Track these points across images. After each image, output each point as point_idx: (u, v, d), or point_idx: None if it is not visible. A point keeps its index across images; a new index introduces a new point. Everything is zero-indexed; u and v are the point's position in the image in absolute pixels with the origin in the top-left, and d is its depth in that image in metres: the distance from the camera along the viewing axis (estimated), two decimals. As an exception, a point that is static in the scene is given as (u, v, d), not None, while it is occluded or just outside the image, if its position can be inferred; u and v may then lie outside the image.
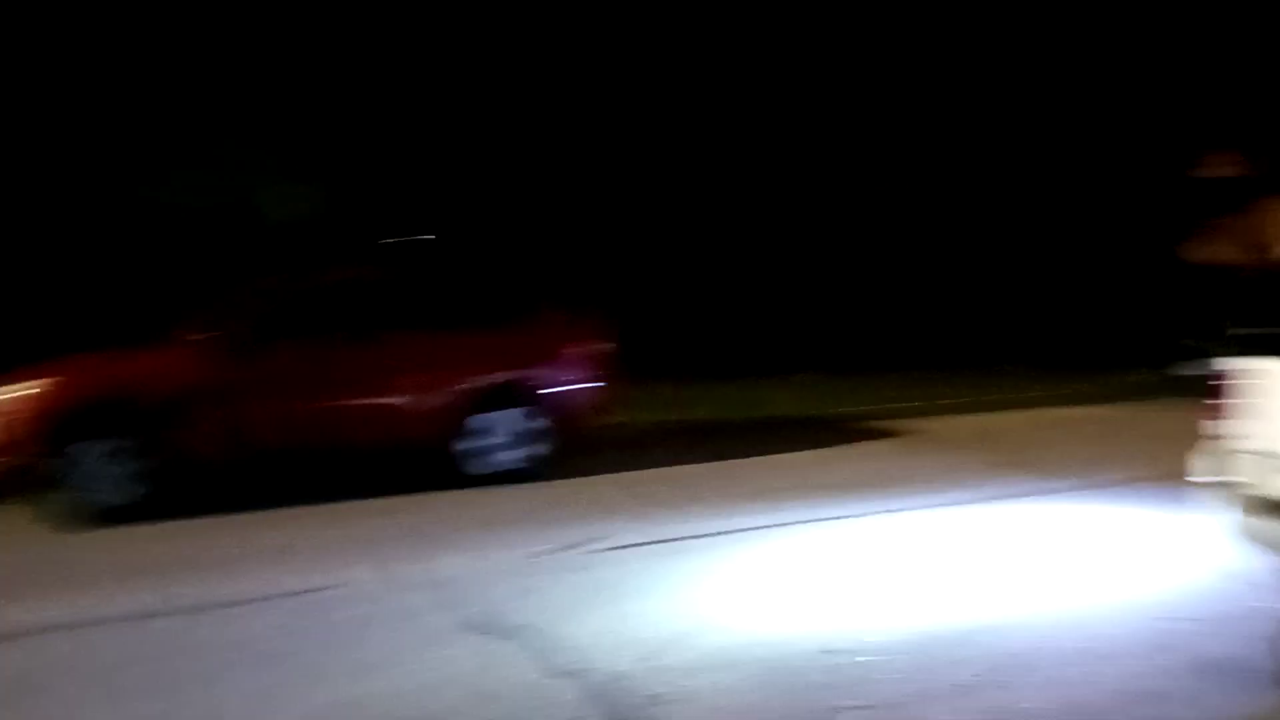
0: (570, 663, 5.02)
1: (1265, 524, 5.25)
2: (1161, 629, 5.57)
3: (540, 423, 9.33)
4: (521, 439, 9.28)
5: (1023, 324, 17.52)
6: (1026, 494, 8.67)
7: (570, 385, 9.56)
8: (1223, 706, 4.59)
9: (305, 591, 6.22)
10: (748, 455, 10.38)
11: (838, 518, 7.84)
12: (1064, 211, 19.05)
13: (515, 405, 9.28)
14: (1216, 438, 5.50)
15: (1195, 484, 5.64)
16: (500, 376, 9.28)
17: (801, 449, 10.74)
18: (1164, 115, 18.04)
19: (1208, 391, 5.64)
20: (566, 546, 7.14)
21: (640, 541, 7.21)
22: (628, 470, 9.67)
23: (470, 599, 6.00)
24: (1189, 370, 13.54)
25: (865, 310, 17.86)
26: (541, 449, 9.33)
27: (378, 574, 6.58)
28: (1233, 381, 5.50)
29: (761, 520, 7.73)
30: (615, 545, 7.14)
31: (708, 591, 6.10)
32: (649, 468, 9.79)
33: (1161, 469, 7.90)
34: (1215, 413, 5.52)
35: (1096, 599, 6.09)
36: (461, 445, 9.11)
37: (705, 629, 5.45)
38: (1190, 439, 5.89)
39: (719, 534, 7.38)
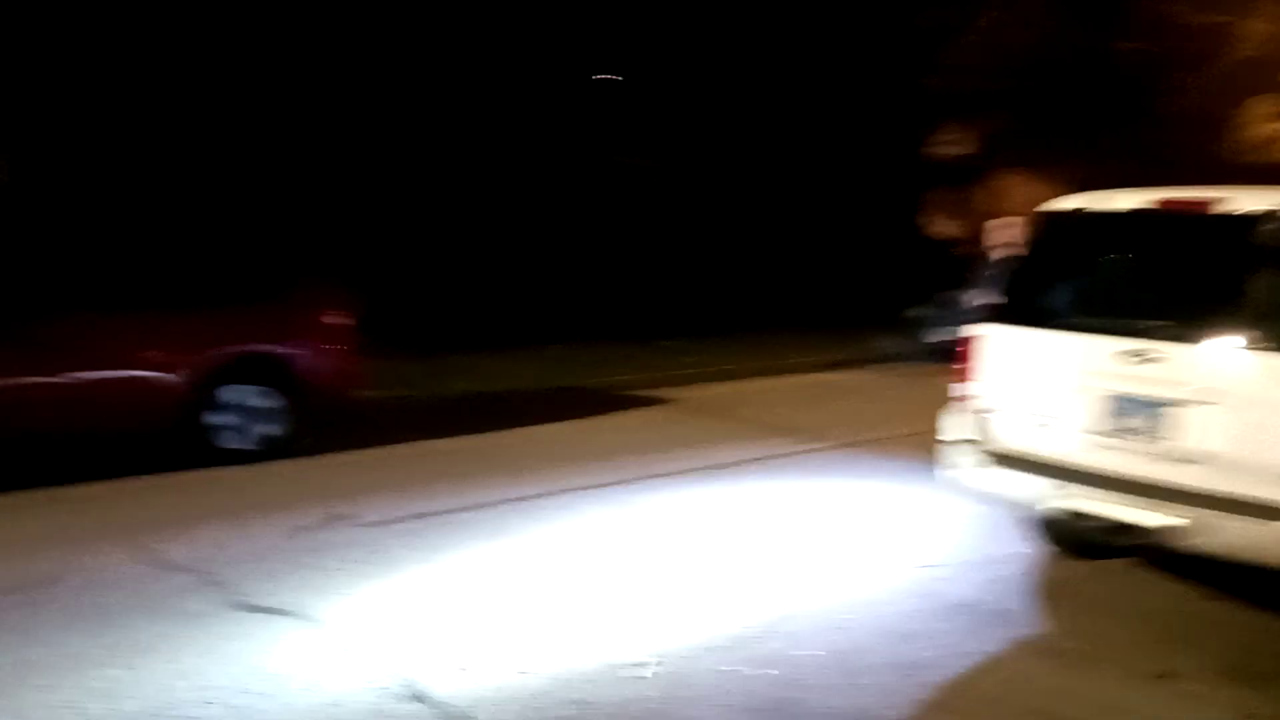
0: (340, 637, 5.02)
1: (1000, 475, 5.71)
2: (913, 577, 5.99)
3: (291, 397, 8.99)
4: (272, 414, 8.92)
5: (777, 292, 18.12)
6: (791, 457, 9.09)
7: (323, 358, 9.26)
8: (961, 643, 5.02)
9: (59, 578, 5.86)
10: (510, 428, 10.33)
11: (601, 487, 7.98)
12: (817, 186, 19.82)
13: (265, 379, 8.91)
14: (960, 398, 5.92)
15: (942, 442, 6.05)
16: (248, 349, 8.85)
17: (563, 420, 10.79)
18: (901, 96, 19.05)
19: (953, 356, 6.06)
20: (328, 521, 7.00)
21: (400, 516, 7.12)
22: (385, 445, 9.46)
23: (235, 578, 5.84)
24: (933, 337, 14.51)
25: (625, 279, 18.05)
26: (292, 424, 9.01)
27: (135, 556, 6.25)
28: (971, 347, 5.93)
29: (524, 493, 7.75)
30: (375, 520, 7.04)
31: (470, 567, 6.12)
32: (406, 442, 9.60)
33: (911, 430, 8.41)
34: (959, 375, 5.94)
35: (857, 552, 6.48)
36: (210, 421, 8.71)
37: (475, 607, 5.54)
38: (934, 401, 6.34)
39: (480, 507, 7.36)
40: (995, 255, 7.94)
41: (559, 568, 6.09)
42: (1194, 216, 5.19)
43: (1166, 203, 5.34)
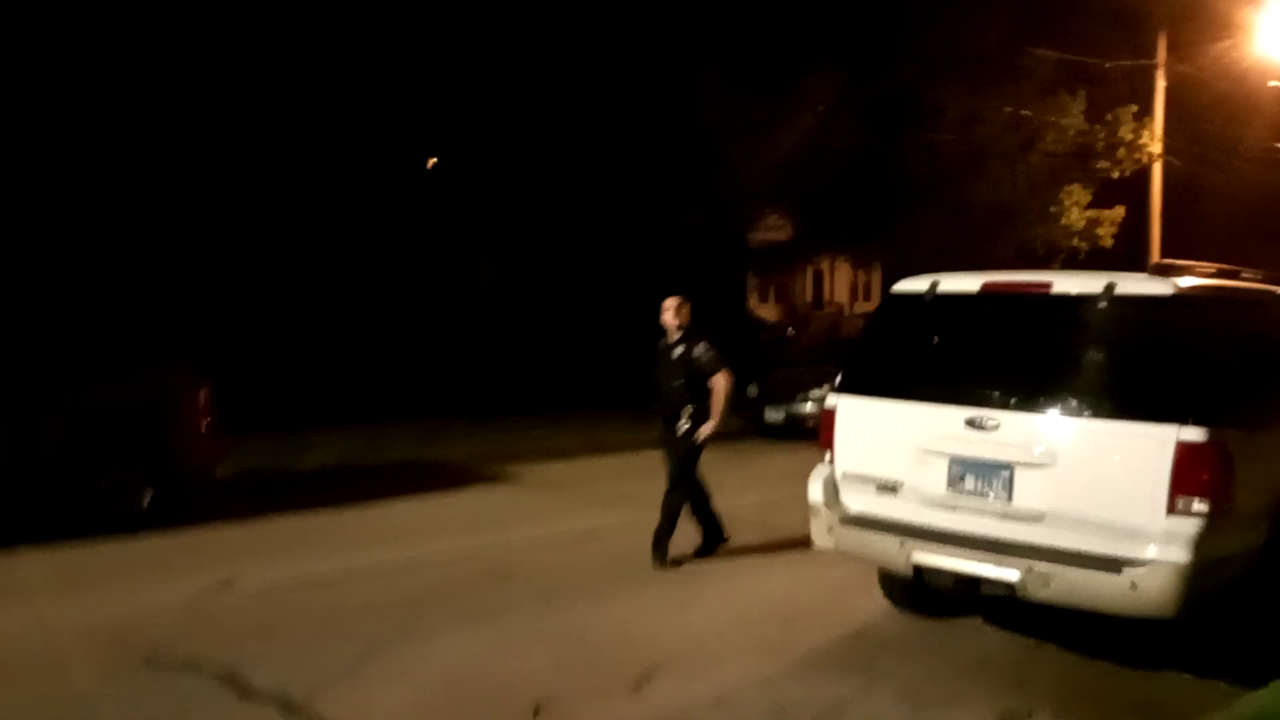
0: (259, 686, 5.30)
1: (853, 534, 6.11)
2: (770, 630, 6.40)
3: (160, 470, 9.07)
4: (143, 483, 8.98)
5: (610, 374, 18.39)
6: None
7: (190, 430, 9.38)
8: (821, 691, 5.44)
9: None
10: (365, 500, 10.37)
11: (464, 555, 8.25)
12: (645, 273, 20.34)
13: (140, 449, 9.00)
14: (823, 464, 6.32)
15: (807, 505, 6.40)
16: (120, 422, 8.94)
17: (429, 492, 10.92)
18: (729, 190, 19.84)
19: (820, 425, 6.47)
20: (224, 583, 7.23)
21: (285, 580, 7.34)
22: (254, 516, 9.48)
23: (142, 638, 6.00)
24: (767, 416, 15.00)
25: (462, 360, 18.19)
26: (158, 494, 9.05)
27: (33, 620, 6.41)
28: (828, 417, 6.35)
29: (393, 557, 8.00)
30: (267, 584, 7.26)
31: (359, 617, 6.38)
32: (268, 515, 9.59)
33: (763, 498, 8.84)
34: (822, 442, 6.35)
35: (722, 603, 7.00)
36: (102, 488, 8.74)
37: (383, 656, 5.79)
38: (779, 473, 6.76)
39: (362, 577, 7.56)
40: (671, 334, 8.40)
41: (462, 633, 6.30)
42: (1029, 297, 5.78)
43: (1007, 285, 5.92)
